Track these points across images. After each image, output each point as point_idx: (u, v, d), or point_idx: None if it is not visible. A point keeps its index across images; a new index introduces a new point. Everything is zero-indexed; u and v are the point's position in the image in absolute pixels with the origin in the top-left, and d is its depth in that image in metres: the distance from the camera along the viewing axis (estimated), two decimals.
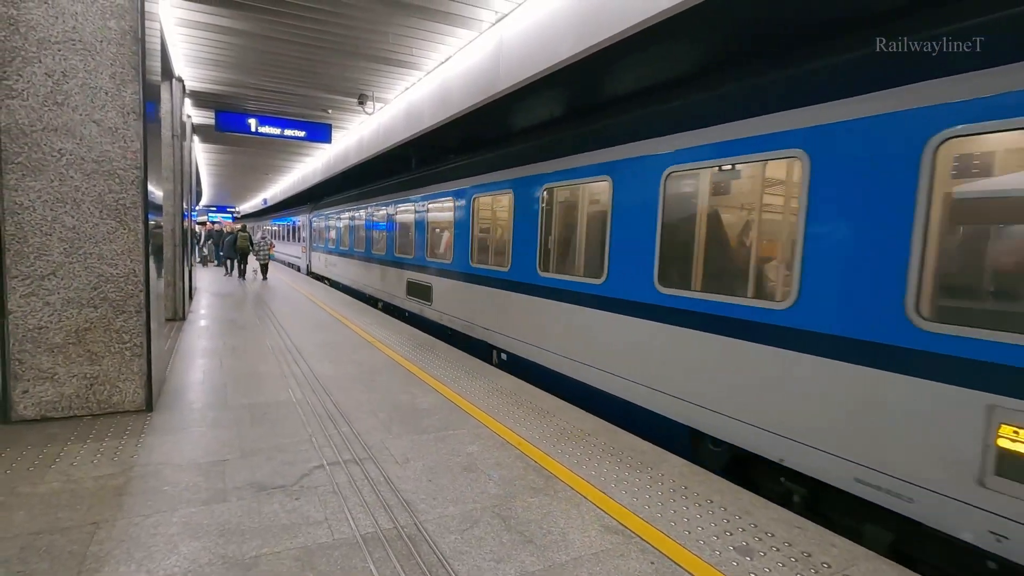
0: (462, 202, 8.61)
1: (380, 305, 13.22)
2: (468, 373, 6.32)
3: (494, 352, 7.59)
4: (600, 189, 5.71)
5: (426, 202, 10.19)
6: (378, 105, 10.84)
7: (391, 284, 12.22)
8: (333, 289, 15.83)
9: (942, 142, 3.02)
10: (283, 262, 29.19)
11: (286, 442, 4.04)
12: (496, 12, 6.52)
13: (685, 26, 4.65)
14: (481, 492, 3.37)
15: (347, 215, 16.49)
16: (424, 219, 10.26)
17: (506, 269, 7.17)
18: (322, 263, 20.27)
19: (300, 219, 25.09)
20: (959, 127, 2.96)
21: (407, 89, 9.88)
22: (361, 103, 10.68)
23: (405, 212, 11.36)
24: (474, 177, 8.29)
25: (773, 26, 5.05)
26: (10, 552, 2.53)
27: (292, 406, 4.90)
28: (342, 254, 17.15)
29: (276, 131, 11.87)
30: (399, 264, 11.68)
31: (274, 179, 26.72)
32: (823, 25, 4.64)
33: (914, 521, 3.10)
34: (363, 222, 14.73)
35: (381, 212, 13.07)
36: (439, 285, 9.52)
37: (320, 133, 12.31)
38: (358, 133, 13.27)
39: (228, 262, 18.62)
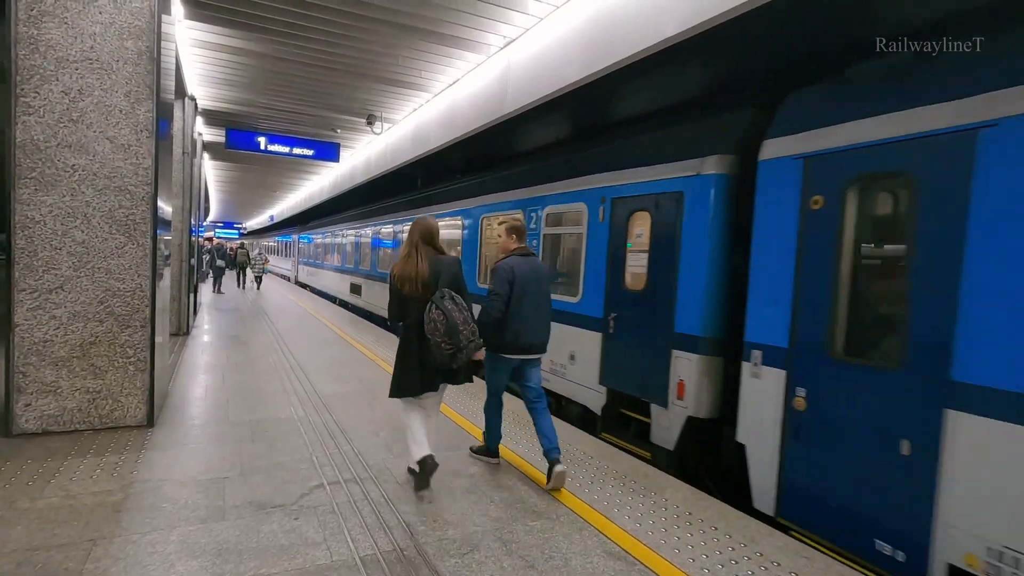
0: (389, 229, 13.49)
1: (337, 302, 18.49)
2: (470, 395, 6.28)
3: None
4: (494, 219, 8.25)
5: (361, 230, 16.08)
6: (386, 125, 10.99)
7: (342, 286, 18.14)
8: (338, 307, 15.95)
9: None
10: (277, 274, 33.71)
11: (286, 460, 4.01)
12: (504, 37, 6.65)
13: (690, 53, 4.72)
14: (482, 515, 3.33)
15: (319, 237, 23.20)
16: (359, 242, 16.20)
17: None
18: (305, 274, 26.81)
19: (291, 238, 31.70)
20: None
21: (415, 110, 10.03)
22: (369, 123, 10.83)
23: (351, 237, 17.46)
24: (392, 214, 13.36)
25: (777, 54, 5.13)
26: (7, 568, 2.51)
27: (293, 423, 4.87)
28: (316, 266, 23.80)
29: (285, 149, 12.03)
30: (345, 271, 17.91)
31: (281, 196, 27.00)
32: (825, 48, 4.71)
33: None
34: (328, 243, 21.29)
35: (339, 236, 19.31)
36: (366, 284, 15.09)
37: (328, 152, 12.47)
38: (365, 153, 13.43)
39: (216, 281, 18.38)
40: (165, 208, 5.01)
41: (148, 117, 4.38)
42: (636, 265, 5.32)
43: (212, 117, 11.52)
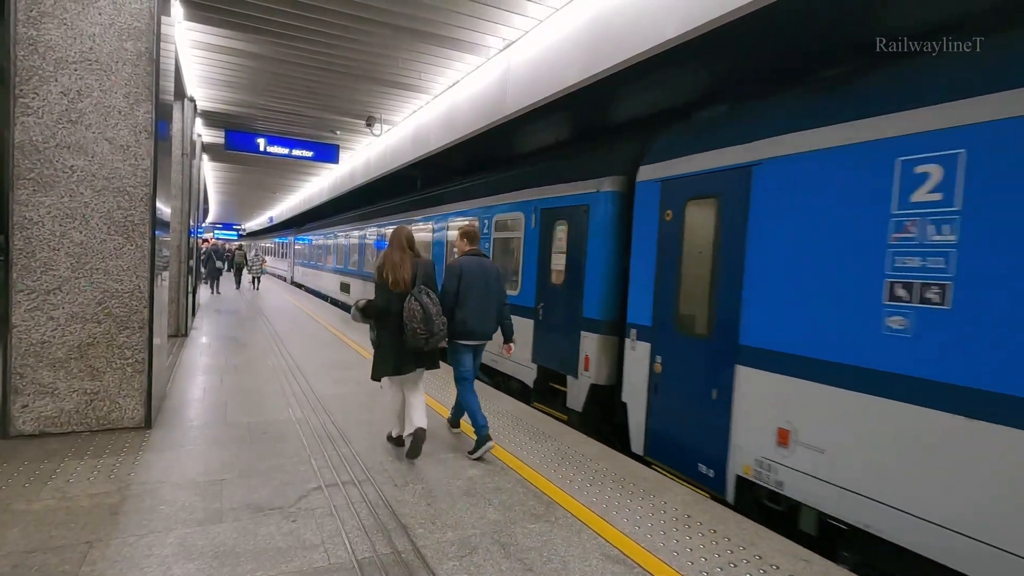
0: (372, 233, 14.89)
1: (329, 300, 19.60)
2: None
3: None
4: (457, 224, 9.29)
5: (348, 233, 17.69)
6: (386, 127, 10.99)
7: (333, 284, 19.44)
8: (337, 309, 15.93)
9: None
10: (274, 274, 34.42)
11: (284, 462, 4.00)
12: (504, 39, 6.66)
13: (690, 55, 4.73)
14: (480, 517, 3.32)
15: (313, 240, 24.58)
16: (348, 244, 17.66)
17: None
18: (300, 274, 28.02)
19: (288, 240, 33.09)
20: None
21: (415, 112, 10.03)
22: (369, 125, 10.84)
23: (340, 239, 18.95)
24: (374, 220, 14.78)
25: (776, 56, 5.14)
26: (2, 571, 2.49)
27: (292, 425, 4.86)
28: (309, 267, 25.28)
29: (284, 151, 12.03)
30: (335, 271, 19.39)
31: (281, 198, 27.00)
32: (823, 52, 4.72)
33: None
34: (320, 245, 22.77)
35: (329, 239, 20.77)
36: (354, 283, 16.31)
37: (328, 154, 12.47)
38: (365, 154, 13.44)
39: (213, 282, 18.47)
40: (164, 209, 5.00)
41: (147, 118, 4.37)
42: (558, 263, 6.48)
43: (211, 118, 11.52)
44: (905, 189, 3.20)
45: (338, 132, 12.07)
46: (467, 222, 4.94)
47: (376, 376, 4.26)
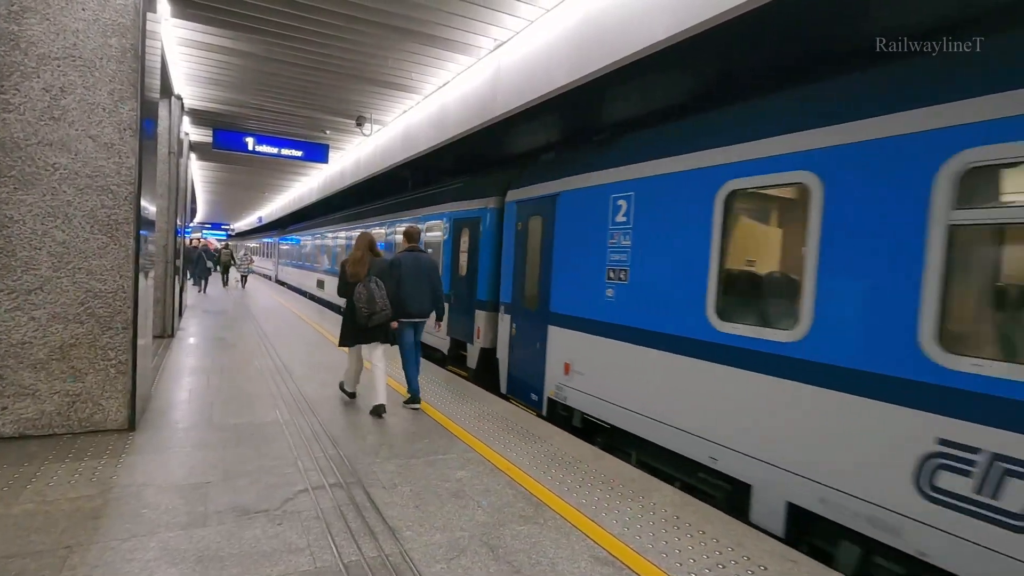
0: (342, 236, 17.05)
1: (308, 296, 21.61)
2: (458, 396, 6.26)
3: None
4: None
5: (323, 236, 20.12)
6: (376, 127, 10.94)
7: (311, 281, 21.88)
8: (325, 309, 15.86)
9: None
10: (260, 273, 36.21)
11: (271, 464, 3.96)
12: (495, 40, 6.65)
13: (679, 57, 4.75)
14: (469, 519, 3.30)
15: (294, 241, 27.15)
16: (323, 245, 20.08)
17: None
18: (283, 273, 30.49)
19: (272, 240, 36.05)
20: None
21: (405, 112, 9.99)
22: (359, 125, 10.78)
23: (316, 241, 21.45)
24: (343, 224, 17.26)
25: (765, 57, 5.17)
26: None
27: (279, 427, 4.81)
28: (291, 266, 27.66)
29: (273, 150, 11.93)
30: (312, 270, 21.93)
31: (270, 198, 26.78)
32: (811, 57, 4.76)
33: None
34: (300, 245, 25.29)
35: (307, 241, 23.49)
36: (328, 279, 17.96)
37: (317, 153, 12.39)
38: (355, 154, 13.36)
39: (202, 281, 18.76)
40: (149, 208, 4.93)
41: (132, 116, 4.31)
42: (462, 260, 8.73)
43: (199, 117, 11.40)
44: (613, 214, 5.31)
45: (328, 132, 11.99)
46: (409, 225, 6.18)
47: (341, 344, 5.59)
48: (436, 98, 8.69)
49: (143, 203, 4.47)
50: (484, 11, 5.94)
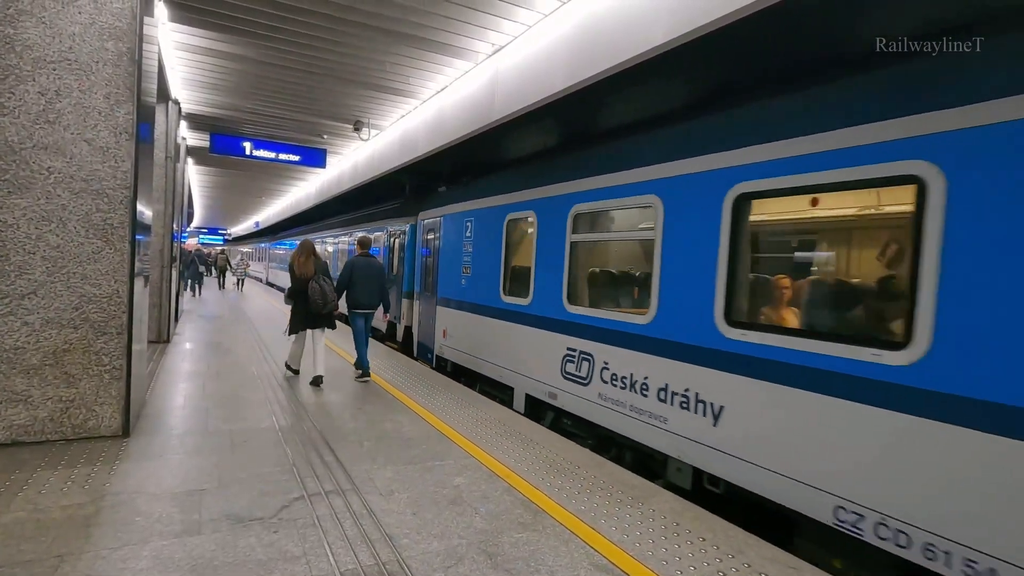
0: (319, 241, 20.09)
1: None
2: (456, 401, 6.22)
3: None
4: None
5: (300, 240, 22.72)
6: (373, 132, 10.93)
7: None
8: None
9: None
10: (252, 276, 37.43)
11: (267, 471, 3.91)
12: (493, 44, 6.64)
13: (677, 62, 4.74)
14: (467, 527, 3.26)
15: (280, 247, 30.18)
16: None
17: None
18: (272, 276, 32.85)
19: (263, 246, 39.66)
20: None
21: (403, 117, 9.98)
22: (356, 129, 10.76)
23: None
24: (320, 232, 20.69)
25: (764, 62, 5.17)
26: None
27: (275, 433, 4.77)
28: (279, 269, 29.07)
29: (271, 155, 11.89)
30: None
31: (267, 202, 26.73)
32: (812, 61, 4.76)
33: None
34: (285, 251, 26.90)
35: (292, 246, 23.74)
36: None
37: (315, 158, 12.35)
38: (352, 158, 13.34)
39: (195, 285, 19.63)
40: (145, 212, 4.90)
41: (128, 120, 4.29)
42: (395, 262, 11.98)
43: (196, 121, 11.37)
44: (467, 230, 8.22)
45: (325, 136, 11.96)
46: (363, 235, 8.97)
47: (290, 332, 6.94)
48: (434, 103, 8.68)
49: (139, 207, 4.44)
50: (482, 16, 5.93)
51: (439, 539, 3.09)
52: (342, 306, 7.06)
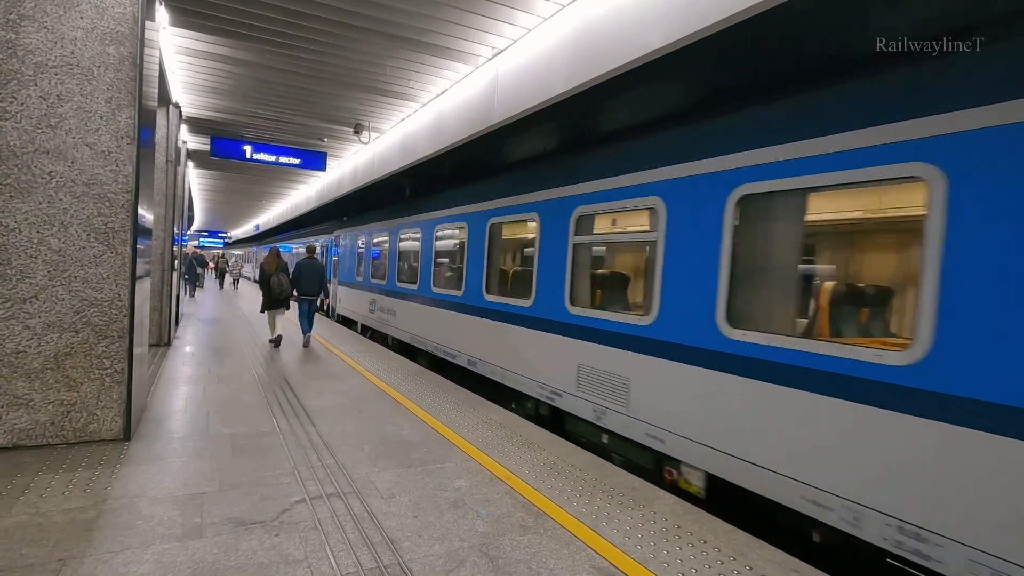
0: (296, 247, 24.77)
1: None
2: (456, 404, 6.22)
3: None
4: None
5: (291, 245, 26.36)
6: (374, 135, 10.95)
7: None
8: (324, 319, 15.85)
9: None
10: (248, 277, 40.39)
11: (268, 475, 3.92)
12: (492, 48, 6.66)
13: (677, 65, 4.76)
14: (468, 530, 3.26)
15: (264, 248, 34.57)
16: (292, 252, 25.95)
17: None
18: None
19: (257, 248, 42.51)
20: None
21: (403, 120, 10.00)
22: (357, 133, 10.78)
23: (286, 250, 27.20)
24: (295, 239, 26.12)
25: (762, 65, 5.19)
26: None
27: (276, 436, 4.77)
28: None
29: (271, 158, 11.90)
30: None
31: (268, 205, 26.75)
32: (813, 64, 4.78)
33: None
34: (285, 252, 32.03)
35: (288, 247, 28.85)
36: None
37: (315, 161, 12.36)
38: (353, 162, 13.36)
39: (190, 286, 21.04)
40: (146, 216, 4.91)
41: (129, 124, 4.30)
42: (334, 262, 17.09)
43: (197, 125, 11.39)
44: (353, 242, 14.83)
45: (326, 140, 11.98)
46: (310, 243, 12.31)
47: (262, 310, 9.73)
48: (434, 106, 8.70)
49: (140, 211, 4.45)
50: (482, 20, 5.95)
51: (440, 542, 3.09)
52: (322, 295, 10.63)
